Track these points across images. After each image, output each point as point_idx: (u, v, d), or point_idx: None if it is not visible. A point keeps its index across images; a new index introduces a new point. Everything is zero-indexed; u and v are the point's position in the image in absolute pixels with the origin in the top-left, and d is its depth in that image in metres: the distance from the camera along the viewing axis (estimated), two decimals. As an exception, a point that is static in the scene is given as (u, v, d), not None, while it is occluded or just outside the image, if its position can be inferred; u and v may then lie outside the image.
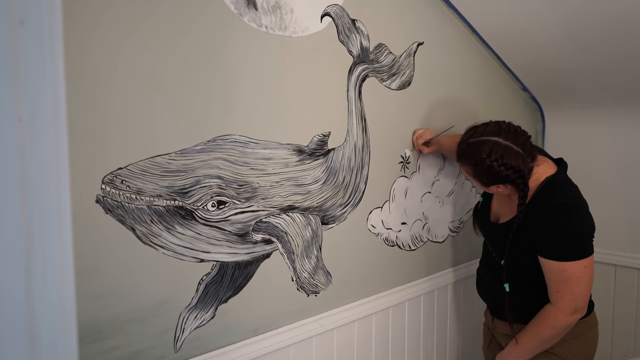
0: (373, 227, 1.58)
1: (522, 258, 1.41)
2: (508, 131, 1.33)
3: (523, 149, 1.32)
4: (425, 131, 1.67)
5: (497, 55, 2.00)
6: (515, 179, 1.31)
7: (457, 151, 1.40)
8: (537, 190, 1.37)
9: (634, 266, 2.08)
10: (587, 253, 1.32)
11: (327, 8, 1.36)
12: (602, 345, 2.18)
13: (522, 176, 1.31)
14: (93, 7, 0.95)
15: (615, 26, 1.60)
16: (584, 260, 1.31)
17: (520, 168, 1.30)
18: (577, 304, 1.33)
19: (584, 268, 1.31)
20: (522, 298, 1.45)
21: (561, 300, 1.34)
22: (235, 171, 1.19)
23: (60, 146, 0.35)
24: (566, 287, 1.32)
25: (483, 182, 1.39)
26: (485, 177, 1.35)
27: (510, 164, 1.29)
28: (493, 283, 1.54)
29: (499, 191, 1.39)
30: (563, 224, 1.32)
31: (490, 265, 1.55)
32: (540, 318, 1.38)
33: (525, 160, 1.31)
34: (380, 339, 1.65)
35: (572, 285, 1.32)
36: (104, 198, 0.99)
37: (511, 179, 1.32)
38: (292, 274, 1.35)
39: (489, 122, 1.37)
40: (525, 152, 1.32)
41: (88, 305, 0.98)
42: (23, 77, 0.33)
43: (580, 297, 1.33)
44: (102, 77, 0.97)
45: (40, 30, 0.34)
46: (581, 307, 1.34)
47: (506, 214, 1.49)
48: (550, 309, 1.36)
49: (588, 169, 2.16)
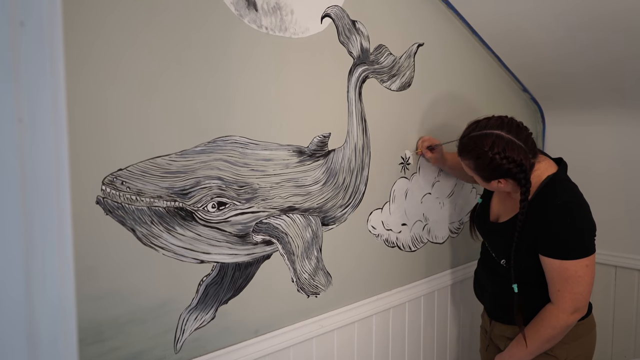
0: (373, 228, 1.58)
1: (523, 257, 1.40)
2: (510, 125, 1.33)
3: (525, 144, 1.31)
4: (430, 138, 1.69)
5: (497, 56, 2.00)
6: (517, 173, 1.31)
7: (459, 145, 1.40)
8: (539, 188, 1.36)
9: (634, 267, 2.08)
10: (589, 252, 1.32)
11: (327, 9, 1.36)
12: (603, 346, 2.18)
13: (524, 170, 1.30)
14: (94, 9, 0.95)
15: (615, 25, 1.60)
16: (586, 259, 1.31)
17: (522, 162, 1.29)
18: (578, 303, 1.32)
19: (585, 267, 1.31)
20: (523, 299, 1.44)
21: (562, 299, 1.33)
22: (235, 172, 1.19)
23: (60, 147, 0.35)
24: (567, 286, 1.32)
25: (484, 177, 1.38)
26: (486, 171, 1.35)
27: (512, 158, 1.29)
28: (491, 285, 1.53)
29: (500, 187, 1.38)
30: (565, 222, 1.31)
31: (489, 266, 1.54)
32: (540, 318, 1.38)
33: (527, 155, 1.31)
34: (380, 340, 1.65)
35: (573, 284, 1.31)
36: (104, 199, 0.99)
37: (513, 173, 1.31)
38: (293, 275, 1.35)
39: (491, 116, 1.37)
40: (527, 147, 1.31)
41: (88, 306, 0.98)
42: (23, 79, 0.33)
43: (581, 296, 1.32)
44: (102, 78, 0.97)
45: (40, 31, 0.34)
46: (582, 306, 1.33)
47: (507, 212, 1.48)
48: (550, 308, 1.36)
49: (588, 170, 2.16)
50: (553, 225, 1.32)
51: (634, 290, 2.09)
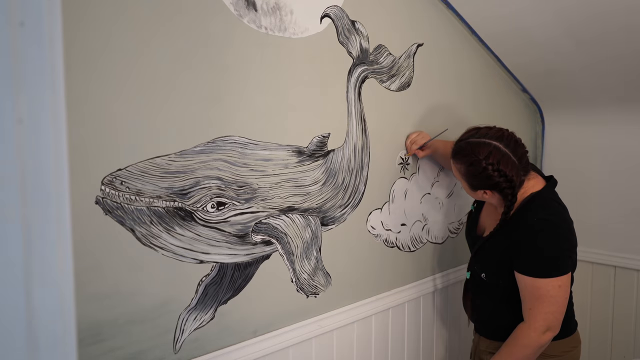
0: (372, 228, 1.58)
1: (501, 274, 1.39)
2: (510, 139, 1.32)
3: (519, 161, 1.31)
4: (419, 135, 1.66)
5: (496, 57, 2.00)
6: (505, 188, 1.31)
7: (454, 148, 1.39)
8: (519, 205, 1.36)
9: (633, 267, 2.08)
10: (562, 272, 1.30)
11: (327, 9, 1.37)
12: (602, 347, 2.18)
13: (512, 187, 1.30)
14: (93, 9, 0.95)
15: (614, 24, 1.60)
16: (559, 279, 1.29)
17: (513, 178, 1.29)
18: (550, 322, 1.30)
19: (558, 287, 1.29)
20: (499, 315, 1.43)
21: (534, 318, 1.31)
22: (234, 172, 1.19)
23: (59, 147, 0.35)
24: (539, 305, 1.30)
25: (472, 185, 1.37)
26: (476, 180, 1.34)
27: (504, 172, 1.29)
28: (475, 298, 1.52)
29: (484, 198, 1.38)
30: (538, 239, 1.30)
31: (473, 279, 1.53)
32: (513, 337, 1.36)
33: (518, 173, 1.31)
34: (379, 341, 1.65)
35: (545, 303, 1.29)
36: (104, 199, 0.99)
37: (501, 187, 1.31)
38: (292, 275, 1.35)
39: (493, 126, 1.37)
40: (520, 164, 1.31)
41: (87, 307, 0.98)
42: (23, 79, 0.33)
43: (553, 316, 1.30)
44: (102, 78, 0.97)
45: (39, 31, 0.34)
46: (554, 326, 1.31)
47: (491, 226, 1.48)
48: (522, 327, 1.34)
49: (587, 170, 2.16)
50: (526, 242, 1.31)
51: (633, 290, 2.10)
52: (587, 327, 2.21)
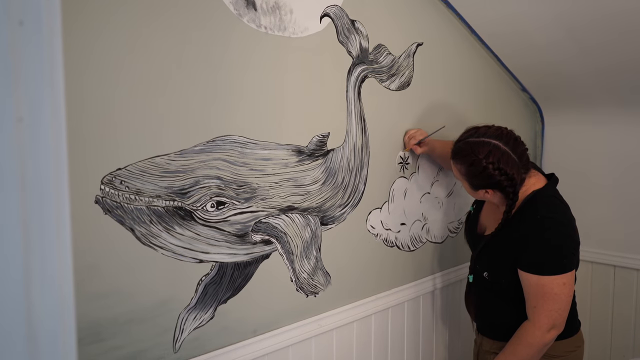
0: (372, 227, 1.58)
1: (504, 272, 1.39)
2: (509, 137, 1.32)
3: (520, 159, 1.31)
4: (417, 131, 1.65)
5: (496, 56, 2.00)
6: (506, 186, 1.30)
7: (454, 148, 1.38)
8: (522, 203, 1.36)
9: (633, 267, 2.08)
10: (566, 269, 1.30)
11: (327, 9, 1.36)
12: (601, 346, 2.18)
13: (513, 185, 1.30)
14: (95, 8, 0.95)
15: (614, 25, 1.60)
16: (563, 276, 1.29)
17: (514, 176, 1.29)
18: (554, 320, 1.30)
19: (562, 285, 1.28)
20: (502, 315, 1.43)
21: (538, 316, 1.30)
22: (234, 172, 1.19)
23: (59, 146, 0.35)
24: (544, 302, 1.29)
25: (473, 185, 1.37)
26: (477, 179, 1.34)
27: (505, 170, 1.29)
28: (477, 298, 1.52)
29: (486, 197, 1.38)
30: (542, 237, 1.30)
31: (476, 279, 1.52)
32: (517, 336, 1.35)
33: (519, 171, 1.31)
34: (379, 340, 1.65)
35: (549, 301, 1.29)
36: (103, 198, 0.99)
37: (502, 186, 1.31)
38: (292, 275, 1.35)
39: (491, 125, 1.37)
40: (520, 162, 1.31)
41: (87, 306, 0.98)
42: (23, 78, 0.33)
43: (557, 314, 1.30)
44: (102, 78, 0.97)
45: (39, 30, 0.34)
46: (559, 323, 1.31)
47: (493, 225, 1.47)
48: (527, 325, 1.33)
49: (587, 170, 2.16)
50: (529, 240, 1.31)
51: (633, 290, 2.10)
52: (587, 326, 2.21)
